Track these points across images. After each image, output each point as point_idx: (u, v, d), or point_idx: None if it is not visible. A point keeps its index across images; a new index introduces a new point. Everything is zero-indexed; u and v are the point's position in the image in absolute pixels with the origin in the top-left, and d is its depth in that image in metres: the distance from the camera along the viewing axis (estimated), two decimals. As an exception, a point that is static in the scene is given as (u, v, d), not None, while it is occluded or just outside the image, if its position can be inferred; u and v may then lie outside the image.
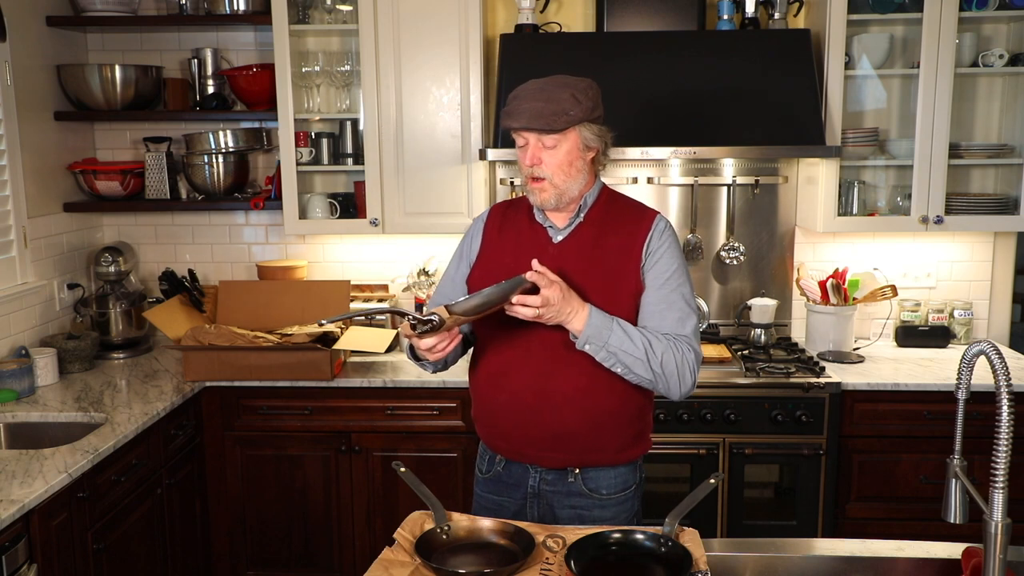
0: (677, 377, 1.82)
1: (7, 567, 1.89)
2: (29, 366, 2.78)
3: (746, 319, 3.33)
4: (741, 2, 3.16)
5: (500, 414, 1.93)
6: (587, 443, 1.89)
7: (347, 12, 3.18)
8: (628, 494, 1.96)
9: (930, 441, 2.88)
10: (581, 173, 1.88)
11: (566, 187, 1.86)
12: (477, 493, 2.07)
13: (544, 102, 1.80)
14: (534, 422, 1.88)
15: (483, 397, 1.98)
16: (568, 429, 1.87)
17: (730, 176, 3.32)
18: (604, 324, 1.78)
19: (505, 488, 1.99)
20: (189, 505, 2.90)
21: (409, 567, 1.53)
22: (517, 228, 1.98)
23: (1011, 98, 3.18)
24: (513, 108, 1.84)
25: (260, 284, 3.30)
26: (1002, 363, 1.26)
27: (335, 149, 3.31)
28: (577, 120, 1.83)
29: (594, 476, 1.93)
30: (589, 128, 1.87)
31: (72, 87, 3.23)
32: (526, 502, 1.96)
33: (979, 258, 3.41)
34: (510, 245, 1.96)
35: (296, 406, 2.97)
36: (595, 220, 1.92)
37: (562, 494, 1.93)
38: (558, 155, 1.84)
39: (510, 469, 1.97)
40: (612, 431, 1.90)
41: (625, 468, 1.95)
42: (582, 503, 1.93)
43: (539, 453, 1.91)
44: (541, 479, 1.94)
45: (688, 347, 1.84)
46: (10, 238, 2.96)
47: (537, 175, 1.84)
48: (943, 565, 1.63)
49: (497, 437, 1.97)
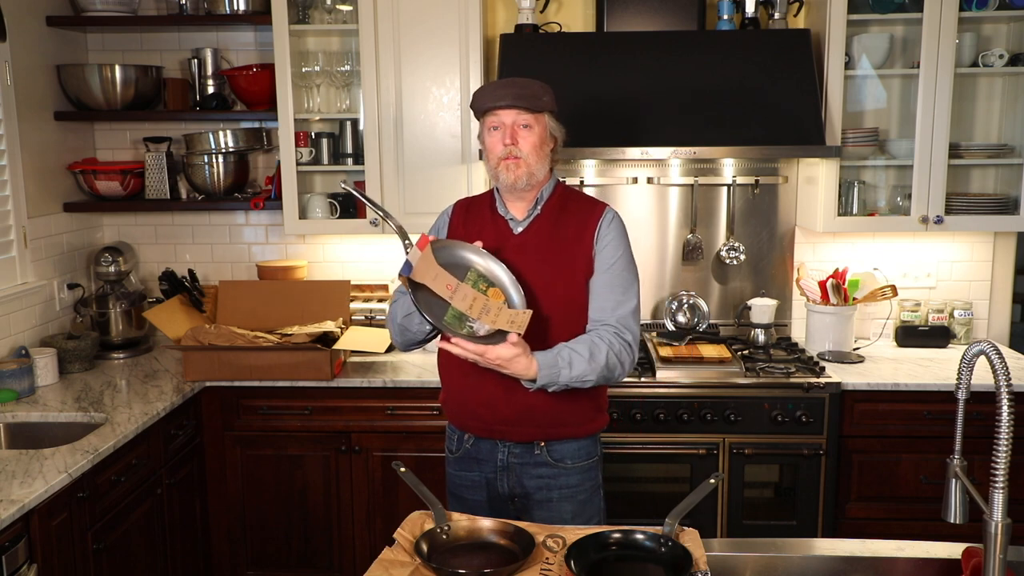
0: (620, 367, 2.00)
1: (7, 567, 1.89)
2: (29, 366, 2.78)
3: (746, 319, 3.33)
4: (741, 2, 3.16)
5: (469, 394, 2.08)
6: (552, 418, 2.05)
7: (347, 12, 3.18)
8: (592, 463, 2.14)
9: (930, 441, 2.88)
10: (547, 159, 2.07)
11: (536, 168, 2.03)
12: (449, 473, 2.20)
13: (520, 88, 2.00)
14: (502, 400, 2.03)
15: (452, 380, 2.13)
16: (534, 405, 2.02)
17: (730, 176, 3.32)
18: (551, 369, 1.91)
19: (476, 463, 2.13)
20: (189, 505, 2.90)
21: (409, 567, 1.53)
22: (480, 220, 2.13)
23: (1011, 98, 3.18)
24: (491, 93, 2.02)
25: (260, 284, 3.30)
26: (1002, 363, 1.26)
27: (335, 149, 3.31)
28: (548, 107, 2.04)
29: (559, 448, 2.08)
30: (552, 119, 2.07)
31: (72, 87, 3.23)
32: (496, 475, 2.10)
33: (979, 258, 3.41)
34: (474, 237, 2.08)
35: (296, 406, 2.97)
36: (551, 212, 2.09)
37: (530, 465, 2.08)
38: (533, 136, 2.02)
39: (479, 446, 2.11)
40: (574, 405, 2.05)
41: (587, 440, 2.12)
42: (549, 472, 2.08)
43: (508, 428, 2.06)
44: (509, 453, 2.09)
45: (625, 330, 2.01)
46: (10, 238, 2.96)
47: (515, 154, 2.01)
48: (943, 565, 1.63)
49: (467, 417, 2.11)
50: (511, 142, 2.00)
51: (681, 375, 2.91)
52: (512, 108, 1.99)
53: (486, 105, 2.02)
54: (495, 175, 2.05)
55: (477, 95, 2.05)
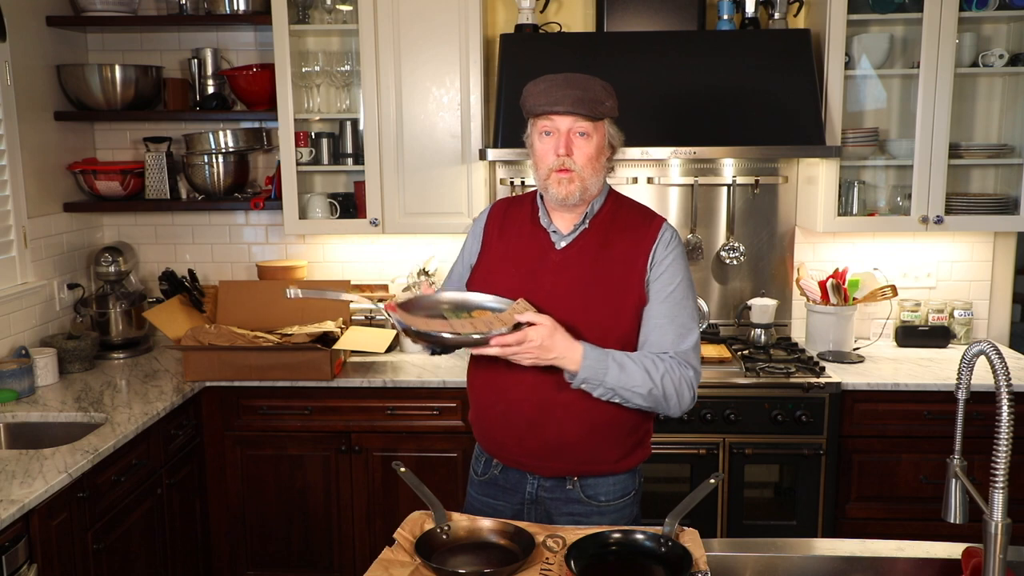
0: (676, 399, 1.78)
1: (7, 567, 1.89)
2: (29, 366, 2.78)
3: (746, 319, 3.33)
4: (741, 2, 3.16)
5: (498, 424, 1.89)
6: (586, 454, 1.85)
7: (347, 12, 3.18)
8: (627, 500, 1.93)
9: (930, 441, 2.88)
10: (603, 171, 1.84)
11: (591, 182, 1.81)
12: (471, 494, 2.02)
13: (582, 90, 1.75)
14: (532, 434, 1.84)
15: (481, 404, 1.94)
16: (567, 440, 1.83)
17: (730, 176, 3.32)
18: (600, 362, 1.73)
19: (501, 492, 1.95)
20: (189, 505, 2.90)
21: (409, 567, 1.53)
22: (518, 230, 1.92)
23: (1011, 98, 3.18)
24: (548, 93, 1.76)
25: (260, 284, 3.30)
26: (1002, 363, 1.26)
27: (335, 149, 3.30)
28: (610, 112, 1.80)
29: (593, 484, 1.89)
30: (612, 126, 1.84)
31: (72, 87, 3.23)
32: (523, 508, 1.92)
33: (979, 258, 3.41)
34: (510, 251, 1.91)
35: (296, 406, 2.97)
36: (600, 227, 1.86)
37: (560, 501, 1.90)
38: (590, 147, 1.78)
39: (507, 474, 1.93)
40: (612, 441, 1.86)
41: (624, 476, 1.92)
42: (581, 510, 1.90)
43: (537, 463, 1.88)
44: (539, 486, 1.90)
45: (687, 365, 1.79)
46: (10, 238, 2.96)
47: (568, 166, 1.77)
48: (943, 565, 1.63)
49: (494, 445, 1.93)
50: (565, 152, 1.77)
51: (681, 375, 2.91)
52: (570, 115, 1.76)
53: (540, 108, 1.78)
54: (544, 187, 1.83)
55: (530, 93, 1.80)
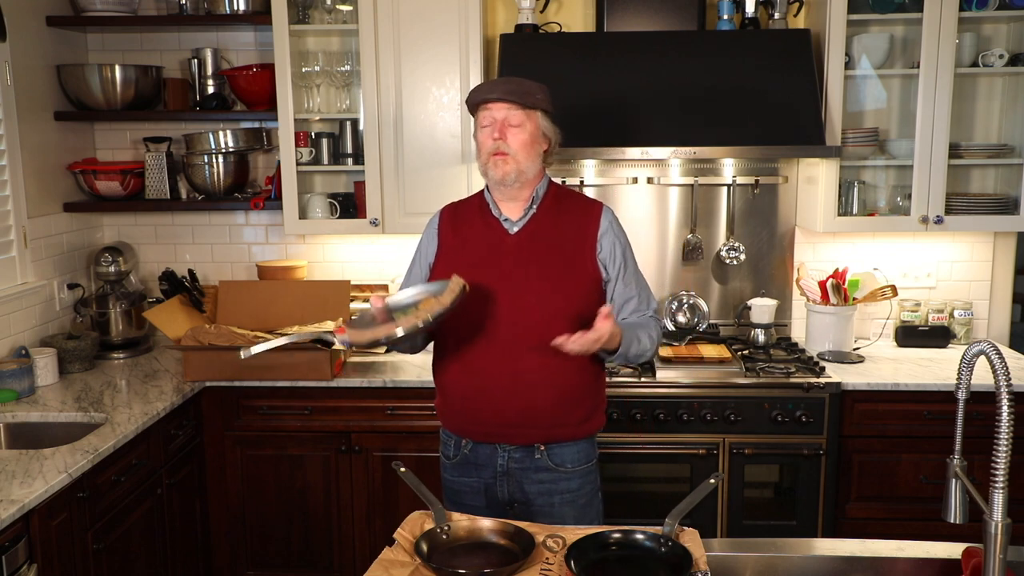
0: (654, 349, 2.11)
1: (7, 567, 1.89)
2: (29, 366, 2.78)
3: (746, 319, 3.33)
4: (741, 2, 3.16)
5: (472, 398, 2.06)
6: (554, 418, 2.04)
7: (347, 12, 3.18)
8: (590, 467, 2.13)
9: (930, 441, 2.88)
10: (538, 158, 2.06)
11: (526, 166, 2.02)
12: (445, 479, 2.18)
13: (514, 84, 2.01)
14: (506, 402, 2.02)
15: (453, 384, 2.10)
16: (538, 406, 2.02)
17: (730, 176, 3.32)
18: (627, 337, 2.00)
19: (474, 469, 2.11)
20: (189, 505, 2.90)
21: (409, 567, 1.53)
22: (470, 225, 2.12)
23: (1011, 98, 3.18)
24: (485, 88, 2.04)
25: (260, 284, 3.30)
26: (1002, 363, 1.26)
27: (335, 149, 3.30)
28: (541, 105, 2.03)
29: (559, 451, 2.07)
30: (546, 119, 2.06)
31: (72, 87, 3.23)
32: (495, 481, 2.09)
33: (979, 258, 3.41)
34: (468, 243, 2.10)
35: (296, 406, 2.97)
36: (548, 212, 2.09)
37: (530, 470, 2.07)
38: (523, 134, 2.01)
39: (477, 451, 2.10)
40: (576, 404, 2.07)
41: (585, 443, 2.12)
42: (549, 477, 2.07)
43: (509, 431, 2.05)
44: (509, 457, 2.07)
45: (658, 319, 2.16)
46: (10, 238, 2.96)
47: (503, 149, 2.00)
48: (943, 565, 1.63)
49: (468, 421, 2.09)
50: (499, 137, 2.00)
51: (681, 375, 2.91)
52: (502, 102, 1.99)
53: (478, 99, 2.03)
54: (484, 171, 2.06)
55: (472, 91, 2.07)
